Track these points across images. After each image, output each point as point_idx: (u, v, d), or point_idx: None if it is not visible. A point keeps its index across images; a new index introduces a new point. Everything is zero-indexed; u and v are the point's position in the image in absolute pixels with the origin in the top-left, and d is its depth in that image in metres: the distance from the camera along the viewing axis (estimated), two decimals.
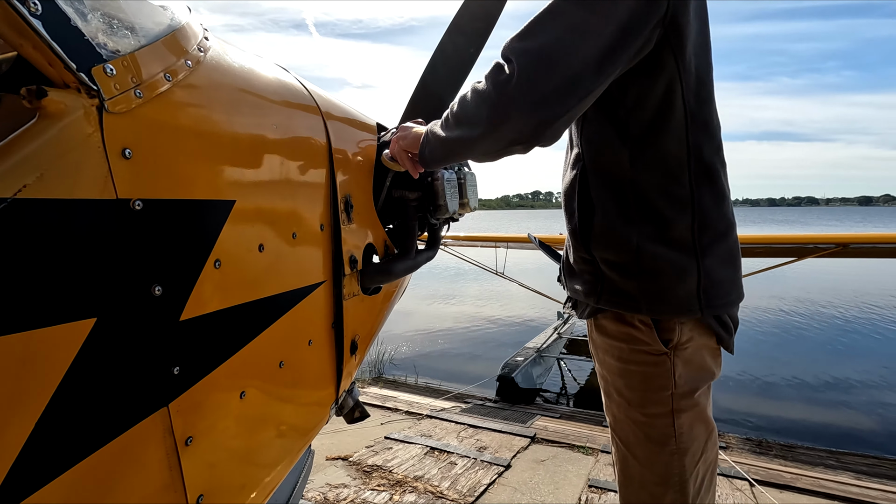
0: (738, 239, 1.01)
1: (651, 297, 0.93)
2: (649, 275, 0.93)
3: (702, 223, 0.93)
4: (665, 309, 0.94)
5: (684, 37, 0.84)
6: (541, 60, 0.76)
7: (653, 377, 0.96)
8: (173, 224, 0.54)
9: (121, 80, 0.48)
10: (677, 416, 0.96)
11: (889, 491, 2.71)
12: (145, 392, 0.52)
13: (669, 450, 0.96)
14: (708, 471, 1.00)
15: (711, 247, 0.94)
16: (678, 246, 0.92)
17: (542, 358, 6.90)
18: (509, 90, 0.77)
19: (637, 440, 1.00)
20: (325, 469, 2.70)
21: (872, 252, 5.44)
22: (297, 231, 0.77)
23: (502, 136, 0.82)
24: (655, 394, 0.96)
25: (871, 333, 9.50)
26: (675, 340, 0.94)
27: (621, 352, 1.00)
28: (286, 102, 0.79)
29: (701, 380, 0.97)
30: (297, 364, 0.80)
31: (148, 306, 0.51)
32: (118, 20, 0.49)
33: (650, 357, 0.96)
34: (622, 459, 1.04)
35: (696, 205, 0.92)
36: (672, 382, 0.95)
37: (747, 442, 4.28)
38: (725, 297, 0.97)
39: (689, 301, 0.93)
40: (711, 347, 0.98)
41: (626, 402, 1.01)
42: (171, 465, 0.56)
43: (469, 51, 1.31)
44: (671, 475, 0.97)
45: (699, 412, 0.98)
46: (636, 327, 0.97)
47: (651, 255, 0.92)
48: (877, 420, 5.62)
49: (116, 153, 0.47)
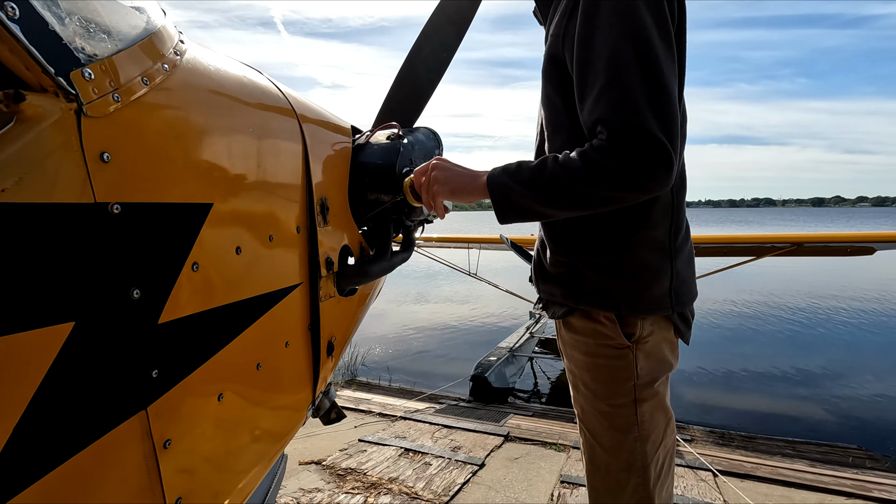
0: (691, 239, 1.08)
1: (630, 297, 0.98)
2: (630, 275, 0.97)
3: (676, 226, 0.99)
4: (642, 308, 0.99)
5: (682, 46, 0.91)
6: (653, 101, 0.79)
7: (617, 369, 1.01)
8: (152, 227, 0.54)
9: (99, 84, 0.48)
10: (639, 405, 1.01)
11: (840, 476, 2.88)
12: (124, 395, 0.52)
13: (633, 437, 1.02)
14: (667, 457, 1.06)
15: (680, 248, 1.00)
16: (658, 248, 0.98)
17: (515, 357, 6.98)
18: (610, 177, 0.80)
19: (603, 429, 1.05)
20: (297, 474, 2.67)
21: (824, 251, 5.74)
22: (274, 233, 0.78)
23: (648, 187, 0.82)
24: (619, 385, 1.01)
25: (824, 328, 10.00)
26: (636, 335, 1.00)
27: (588, 346, 1.04)
28: (262, 105, 0.80)
29: (661, 370, 1.03)
30: (275, 366, 0.80)
31: (126, 309, 0.51)
32: (96, 24, 0.49)
33: (614, 351, 1.01)
34: (590, 449, 1.09)
35: (675, 208, 0.98)
36: (635, 374, 1.00)
37: (711, 434, 4.45)
38: (688, 294, 1.03)
39: (662, 300, 0.99)
40: (669, 340, 1.04)
41: (592, 393, 1.06)
42: (149, 468, 0.56)
43: (442, 55, 1.33)
44: (634, 461, 1.02)
45: (659, 401, 1.03)
46: (601, 323, 1.01)
47: (635, 256, 0.97)
48: (829, 410, 5.93)
49: (94, 157, 0.47)
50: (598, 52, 0.84)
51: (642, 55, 0.80)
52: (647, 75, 0.79)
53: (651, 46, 0.81)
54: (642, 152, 0.78)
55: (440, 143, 1.31)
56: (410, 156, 1.13)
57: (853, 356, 8.13)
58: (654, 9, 0.83)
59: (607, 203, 0.85)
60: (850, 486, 2.68)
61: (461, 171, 0.97)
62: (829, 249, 5.62)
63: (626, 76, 0.80)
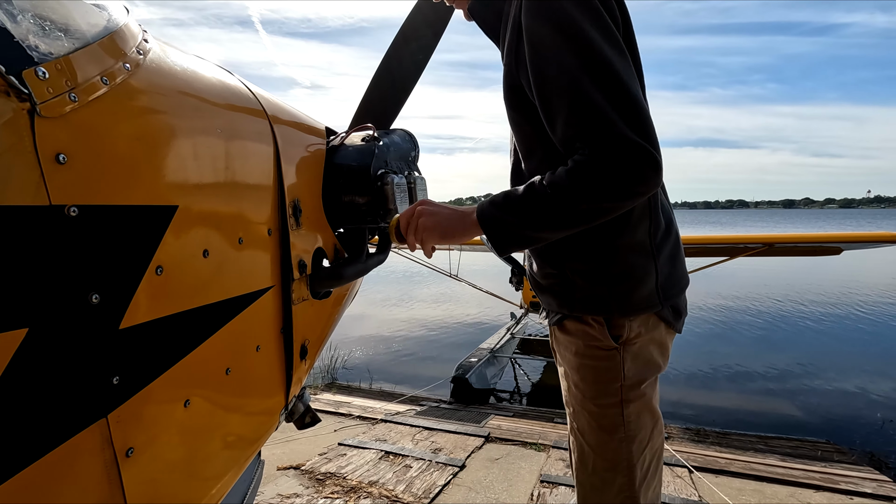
0: (678, 230, 1.10)
1: (620, 300, 1.00)
2: (617, 279, 0.99)
3: (655, 225, 1.01)
4: (632, 309, 1.01)
5: (633, 47, 0.93)
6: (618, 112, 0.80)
7: (604, 370, 1.03)
8: (112, 230, 0.53)
9: (54, 83, 0.46)
10: (626, 406, 1.03)
11: (809, 470, 2.97)
12: (82, 403, 0.51)
13: (618, 437, 1.03)
14: (654, 458, 1.08)
15: (662, 245, 1.02)
16: (640, 249, 1.00)
17: (496, 358, 7.01)
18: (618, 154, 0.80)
19: (590, 429, 1.07)
20: (276, 479, 2.63)
21: (794, 251, 5.92)
22: (244, 236, 0.77)
23: (636, 191, 0.83)
24: (606, 386, 1.03)
25: (794, 327, 10.30)
26: (624, 336, 1.02)
27: (578, 347, 1.06)
28: (230, 106, 0.79)
29: (648, 372, 1.05)
30: (245, 371, 0.79)
31: (85, 315, 0.50)
32: (51, 22, 0.47)
33: (602, 352, 1.03)
34: (579, 447, 1.11)
35: (651, 208, 1.00)
36: (622, 375, 1.02)
37: (686, 431, 4.54)
38: (677, 286, 1.06)
39: (650, 298, 1.01)
40: (658, 341, 1.06)
41: (581, 393, 1.07)
42: (110, 477, 0.54)
43: (418, 57, 1.33)
44: (620, 461, 1.04)
45: (646, 402, 1.05)
46: (590, 325, 1.03)
47: (619, 260, 0.99)
48: (799, 406, 6.10)
49: (49, 158, 0.46)
50: (555, 77, 0.85)
51: (598, 68, 0.81)
52: (608, 86, 0.81)
53: (603, 57, 0.82)
54: (626, 159, 0.79)
55: (416, 145, 1.31)
56: (386, 157, 1.13)
57: (821, 353, 8.39)
58: (595, 20, 0.84)
59: (605, 214, 0.86)
60: (818, 479, 2.76)
61: (448, 214, 0.96)
62: (799, 249, 5.80)
63: (588, 93, 0.81)
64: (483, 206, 0.93)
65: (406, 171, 1.21)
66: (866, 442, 4.91)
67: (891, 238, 5.06)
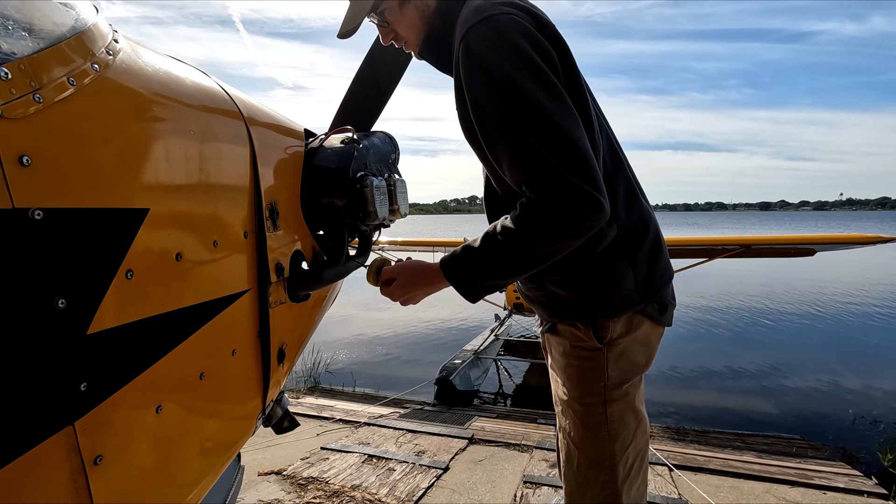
0: (657, 226, 1.12)
1: (602, 303, 1.03)
2: (596, 284, 1.02)
3: (625, 230, 1.03)
4: (615, 310, 1.03)
5: (577, 79, 0.97)
6: (559, 163, 0.83)
7: (588, 370, 1.06)
8: (79, 234, 0.51)
9: (17, 84, 0.45)
10: (609, 405, 1.05)
11: (785, 466, 3.03)
12: (47, 411, 0.49)
13: (601, 436, 1.05)
14: (638, 456, 1.10)
15: (637, 246, 1.05)
16: (611, 254, 1.02)
17: (480, 360, 7.02)
18: (561, 202, 0.84)
19: (575, 427, 1.10)
20: (257, 485, 2.60)
21: (770, 252, 6.05)
22: (219, 239, 0.76)
23: (580, 229, 0.87)
24: (590, 385, 1.06)
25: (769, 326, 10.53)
26: (608, 337, 1.04)
27: (564, 348, 1.09)
28: (204, 107, 0.78)
29: (631, 372, 1.07)
30: (220, 375, 0.78)
31: (50, 320, 0.49)
32: (14, 21, 0.46)
33: (587, 353, 1.06)
34: (565, 446, 1.14)
35: (615, 218, 1.02)
36: (605, 375, 1.05)
37: (667, 430, 4.61)
38: (659, 282, 1.08)
39: (631, 297, 1.04)
40: (641, 341, 1.08)
41: (567, 392, 1.10)
42: (77, 485, 0.53)
43: (399, 59, 1.33)
44: (602, 459, 1.06)
45: (629, 402, 1.07)
46: (576, 327, 1.06)
47: (595, 266, 1.02)
48: (774, 403, 6.24)
49: (12, 160, 0.45)
50: (494, 128, 0.89)
51: (534, 118, 0.84)
52: (545, 134, 0.84)
53: (536, 105, 0.85)
54: (567, 202, 0.82)
55: (396, 147, 1.31)
56: (365, 160, 1.12)
57: (796, 352, 8.59)
58: (528, 68, 0.86)
59: (561, 252, 0.90)
60: (793, 474, 2.83)
61: (419, 275, 1.06)
62: (775, 251, 5.94)
63: (525, 142, 0.84)
64: (444, 260, 1.00)
65: (386, 173, 1.21)
66: (839, 438, 5.04)
67: (862, 239, 5.20)
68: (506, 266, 0.92)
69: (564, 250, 0.90)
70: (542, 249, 0.88)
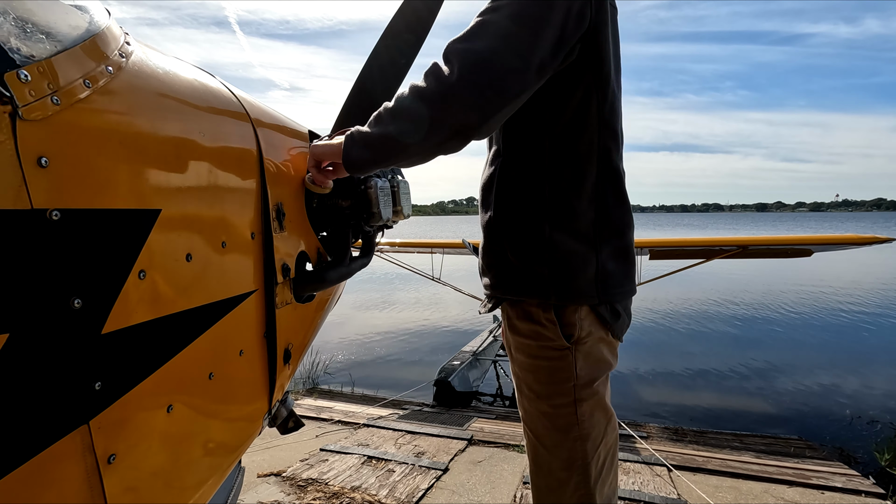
0: (633, 240, 1.11)
1: (558, 284, 1.01)
2: (558, 262, 1.01)
3: (602, 219, 1.03)
4: (569, 296, 1.02)
5: (601, 53, 0.95)
6: (477, 63, 0.84)
7: (557, 370, 1.04)
8: (94, 234, 0.52)
9: (36, 86, 0.46)
10: (579, 405, 1.04)
11: (783, 466, 3.05)
12: (64, 409, 0.50)
13: (573, 436, 1.05)
14: (608, 454, 1.10)
15: (608, 242, 1.04)
16: (581, 237, 1.02)
17: (478, 361, 7.02)
18: (452, 85, 0.84)
19: (545, 429, 1.08)
20: (256, 487, 2.60)
21: (767, 253, 6.08)
22: (227, 240, 0.76)
23: (443, 128, 0.87)
24: (559, 385, 1.04)
25: (766, 327, 10.57)
26: (575, 336, 1.03)
27: (530, 349, 1.07)
28: (213, 109, 0.78)
29: (599, 370, 1.07)
30: (228, 375, 0.79)
31: (67, 320, 0.49)
32: (33, 24, 0.47)
33: (555, 352, 1.04)
34: (533, 449, 1.12)
35: (599, 202, 1.02)
36: (574, 374, 1.03)
37: (665, 431, 4.61)
38: (619, 288, 1.07)
39: (587, 289, 1.02)
40: (607, 341, 1.08)
41: (535, 395, 1.08)
42: (91, 484, 0.54)
43: (401, 61, 1.34)
44: (575, 460, 1.05)
45: (598, 400, 1.07)
46: (543, 325, 1.04)
47: (560, 244, 1.01)
48: (772, 404, 6.27)
49: (31, 162, 0.45)
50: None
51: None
52: (491, 45, 0.86)
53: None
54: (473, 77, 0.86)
55: None
56: None
57: (793, 352, 8.63)
58: None
59: (438, 134, 0.90)
60: (791, 474, 2.85)
61: (332, 140, 1.02)
62: (772, 252, 5.97)
63: (478, 33, 0.88)
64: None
65: (389, 174, 1.22)
66: (836, 438, 5.07)
67: (858, 240, 5.23)
68: (367, 137, 0.93)
69: (404, 147, 0.91)
70: (399, 126, 0.89)
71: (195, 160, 0.70)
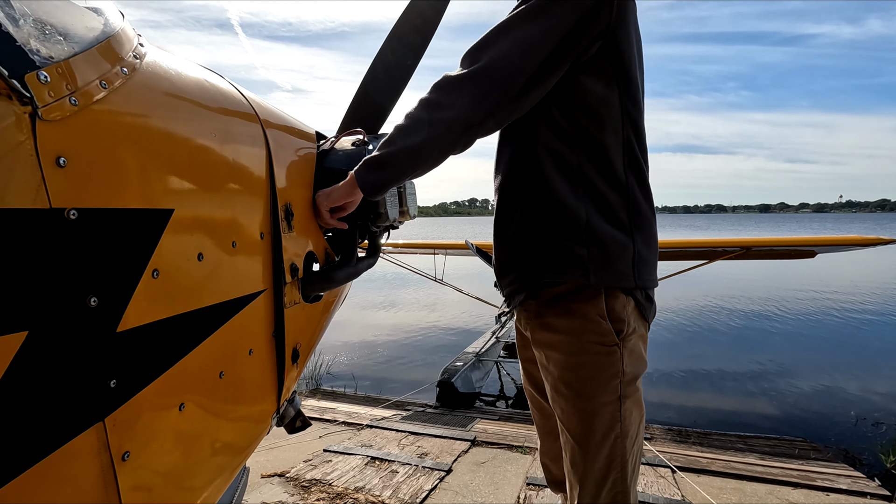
0: (656, 233, 1.14)
1: (598, 266, 1.02)
2: (597, 245, 1.02)
3: (634, 208, 1.05)
4: (609, 278, 1.02)
5: (622, 49, 0.99)
6: (491, 66, 0.92)
7: (605, 366, 1.03)
8: (110, 233, 0.53)
9: (55, 87, 0.46)
10: (623, 401, 1.04)
11: (788, 468, 3.04)
12: (80, 406, 0.50)
13: (615, 434, 1.04)
14: (639, 452, 1.11)
15: (640, 229, 1.06)
16: (617, 223, 1.03)
17: (481, 362, 7.01)
18: (470, 85, 0.92)
19: (586, 429, 1.06)
20: (260, 487, 2.60)
21: (770, 254, 6.07)
22: (237, 240, 0.77)
23: (454, 128, 0.93)
24: (607, 382, 1.04)
25: (770, 328, 10.54)
26: (625, 331, 1.03)
27: (571, 346, 1.05)
28: (224, 110, 0.79)
29: (640, 368, 1.08)
30: (238, 374, 0.79)
31: (83, 318, 0.50)
32: (52, 26, 0.48)
33: (603, 348, 1.03)
34: (571, 449, 1.10)
35: (629, 189, 1.04)
36: (621, 370, 1.03)
37: (669, 431, 4.60)
38: (650, 276, 1.09)
39: (626, 272, 1.03)
40: (644, 337, 1.10)
41: (575, 393, 1.06)
42: (106, 481, 0.54)
43: (407, 62, 1.35)
44: (615, 457, 1.05)
45: (638, 398, 1.08)
46: (590, 320, 1.03)
47: (598, 228, 1.02)
48: (776, 405, 6.24)
49: (50, 161, 0.46)
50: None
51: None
52: (504, 50, 0.94)
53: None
54: (484, 82, 0.94)
55: None
56: None
57: (797, 353, 8.60)
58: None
59: (457, 128, 0.95)
60: (796, 476, 2.83)
61: (335, 186, 1.04)
62: (775, 253, 5.96)
63: (493, 39, 0.96)
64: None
65: None
66: (841, 440, 5.04)
67: (862, 241, 5.22)
68: (384, 159, 0.97)
69: (427, 151, 0.96)
70: (421, 135, 0.94)
71: (207, 160, 0.70)
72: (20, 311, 0.44)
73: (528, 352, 1.29)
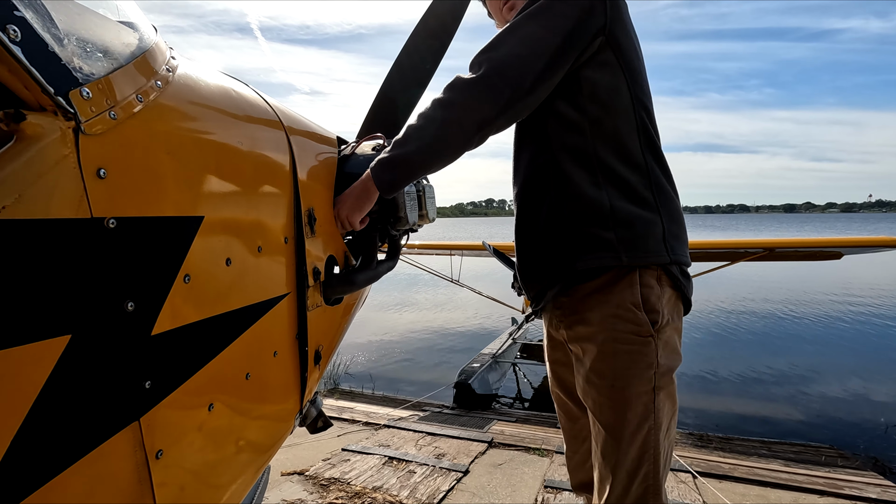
0: (681, 209, 1.15)
1: (628, 246, 1.03)
2: (624, 227, 1.03)
3: (656, 184, 1.08)
4: (641, 256, 1.03)
5: (621, 42, 1.05)
6: (501, 65, 0.97)
7: (640, 356, 1.03)
8: (146, 241, 0.55)
9: (96, 102, 0.49)
10: (657, 393, 1.04)
11: (813, 475, 2.97)
12: (118, 406, 0.53)
13: (648, 425, 1.04)
14: (671, 447, 1.10)
15: (665, 205, 1.08)
16: (641, 203, 1.05)
17: (498, 363, 7.00)
18: (481, 84, 0.97)
19: (618, 419, 1.05)
20: (280, 485, 2.64)
21: (795, 255, 5.93)
22: (263, 244, 0.79)
23: (466, 125, 0.98)
24: (642, 373, 1.04)
25: (795, 331, 10.28)
26: (660, 322, 1.04)
27: (606, 336, 1.05)
28: (250, 118, 0.81)
29: (674, 361, 1.08)
30: (263, 375, 0.81)
31: (121, 322, 0.52)
32: (93, 44, 0.50)
33: (639, 339, 1.03)
34: (603, 441, 1.09)
35: (649, 169, 1.07)
36: (656, 361, 1.04)
37: (690, 436, 4.53)
38: (682, 250, 1.10)
39: (658, 248, 1.04)
40: (678, 330, 1.10)
41: (608, 384, 1.05)
42: (141, 479, 0.57)
43: (426, 66, 1.36)
44: (648, 449, 1.04)
45: (672, 392, 1.08)
46: (627, 309, 1.03)
47: (622, 211, 1.03)
48: (801, 410, 6.09)
49: (91, 173, 0.48)
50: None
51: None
52: (512, 50, 0.99)
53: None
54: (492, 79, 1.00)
55: None
56: None
57: (823, 358, 8.38)
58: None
59: (466, 123, 0.99)
60: (822, 484, 2.76)
61: (349, 190, 1.08)
62: (800, 254, 5.82)
63: (502, 39, 1.01)
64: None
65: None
66: (870, 447, 4.89)
67: (891, 242, 5.07)
68: (399, 156, 1.00)
69: (442, 149, 1.00)
70: (436, 132, 0.98)
71: (234, 168, 0.73)
72: (64, 315, 0.46)
73: (557, 353, 1.28)
